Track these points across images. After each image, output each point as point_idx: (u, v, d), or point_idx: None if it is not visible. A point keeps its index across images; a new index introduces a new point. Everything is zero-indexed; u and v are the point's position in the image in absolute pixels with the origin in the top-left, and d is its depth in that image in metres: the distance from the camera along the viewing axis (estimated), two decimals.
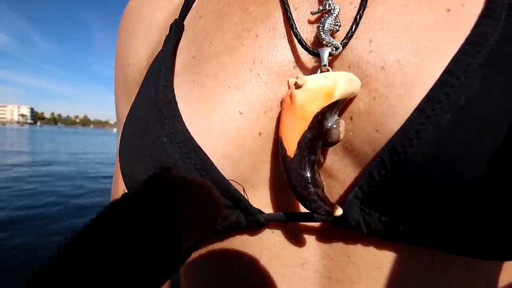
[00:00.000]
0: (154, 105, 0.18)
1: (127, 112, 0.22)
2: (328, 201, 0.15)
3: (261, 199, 0.18)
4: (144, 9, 0.29)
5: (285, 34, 0.18)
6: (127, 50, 0.29)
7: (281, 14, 0.19)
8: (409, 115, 0.14)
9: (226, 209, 0.17)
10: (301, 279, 0.18)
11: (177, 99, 0.18)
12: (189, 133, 0.17)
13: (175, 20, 0.24)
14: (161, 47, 0.23)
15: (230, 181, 0.17)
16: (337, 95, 0.15)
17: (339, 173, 0.17)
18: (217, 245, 0.19)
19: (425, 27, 0.16)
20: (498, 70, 0.13)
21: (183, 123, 0.17)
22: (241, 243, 0.19)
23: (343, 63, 0.17)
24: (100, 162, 6.42)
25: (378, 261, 0.16)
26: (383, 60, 0.16)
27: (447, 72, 0.14)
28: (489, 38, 0.14)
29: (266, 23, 0.19)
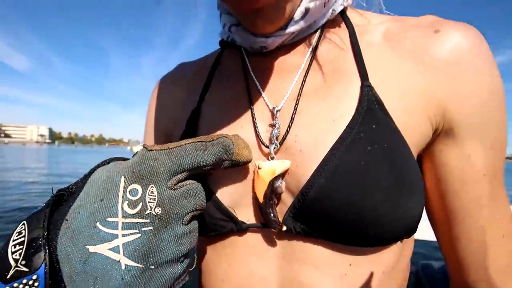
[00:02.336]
0: None
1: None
2: (280, 222, 0.31)
3: (245, 215, 0.33)
4: (171, 87, 0.45)
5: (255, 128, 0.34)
6: (159, 110, 0.46)
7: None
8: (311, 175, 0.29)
9: (223, 221, 0.33)
10: (266, 261, 0.32)
11: None
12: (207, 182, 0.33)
13: (195, 108, 0.39)
14: (182, 115, 0.40)
15: (227, 207, 0.32)
16: (277, 172, 0.30)
17: (287, 201, 0.32)
18: (217, 242, 0.35)
19: (321, 130, 0.31)
20: (352, 149, 0.28)
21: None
22: (233, 240, 0.34)
23: (285, 147, 0.32)
24: None
25: (304, 247, 0.31)
26: (301, 146, 0.31)
27: (330, 150, 0.29)
28: (349, 136, 0.29)
29: (247, 119, 0.35)
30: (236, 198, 0.33)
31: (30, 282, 0.21)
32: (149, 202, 0.24)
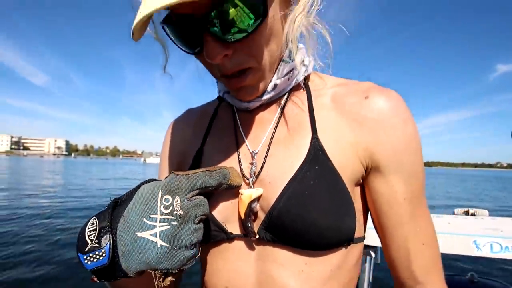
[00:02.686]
0: None
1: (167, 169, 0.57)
2: (255, 233, 0.44)
3: (233, 227, 0.46)
4: (181, 130, 0.60)
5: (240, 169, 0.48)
6: (172, 146, 0.60)
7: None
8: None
9: (217, 232, 0.46)
10: (248, 261, 0.45)
11: None
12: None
13: (198, 148, 0.54)
14: (189, 152, 0.54)
15: (221, 222, 0.46)
16: (253, 197, 0.44)
17: (261, 218, 0.45)
18: (214, 248, 0.47)
19: (283, 168, 0.45)
20: (301, 183, 0.42)
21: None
22: (224, 246, 0.46)
23: (260, 179, 0.46)
24: None
25: (273, 251, 0.44)
26: (270, 179, 0.45)
27: (287, 183, 0.43)
28: (300, 174, 0.43)
29: (234, 159, 0.49)
30: (226, 215, 0.47)
31: (100, 253, 0.36)
32: (175, 206, 0.37)
